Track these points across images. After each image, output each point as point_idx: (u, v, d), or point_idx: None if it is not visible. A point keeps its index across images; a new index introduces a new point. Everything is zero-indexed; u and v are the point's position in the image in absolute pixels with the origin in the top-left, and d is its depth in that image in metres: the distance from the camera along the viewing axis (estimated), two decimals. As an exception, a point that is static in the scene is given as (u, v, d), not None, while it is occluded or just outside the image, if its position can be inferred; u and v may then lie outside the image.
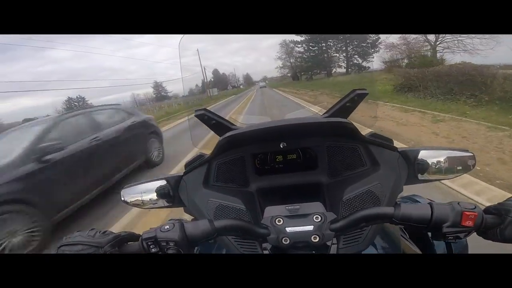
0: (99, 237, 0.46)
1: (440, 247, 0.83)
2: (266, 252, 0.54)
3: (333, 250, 0.53)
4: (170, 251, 0.45)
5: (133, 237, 0.50)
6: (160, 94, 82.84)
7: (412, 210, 0.45)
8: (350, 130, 0.61)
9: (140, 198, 0.71)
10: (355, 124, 0.61)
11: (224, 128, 0.70)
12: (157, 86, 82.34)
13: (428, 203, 0.46)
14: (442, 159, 0.64)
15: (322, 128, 0.67)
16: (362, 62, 25.62)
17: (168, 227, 0.45)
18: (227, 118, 0.74)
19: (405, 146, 0.67)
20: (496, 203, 0.47)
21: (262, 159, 0.72)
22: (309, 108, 1.69)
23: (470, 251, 0.88)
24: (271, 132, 0.65)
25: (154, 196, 0.70)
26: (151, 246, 0.45)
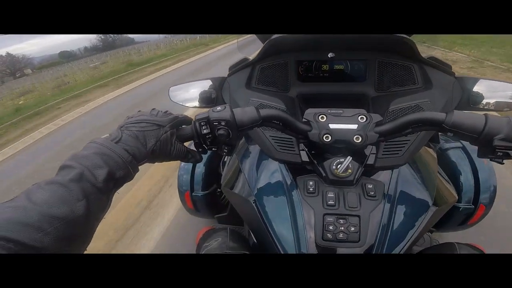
0: (161, 115, 0.47)
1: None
2: (302, 151, 0.58)
3: (371, 159, 0.55)
4: (220, 132, 0.47)
5: (187, 120, 0.52)
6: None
7: (465, 118, 0.43)
8: (409, 48, 0.60)
9: (186, 97, 0.79)
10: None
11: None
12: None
13: (483, 114, 0.44)
14: (500, 93, 0.62)
15: (379, 41, 0.65)
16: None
17: (219, 108, 0.48)
18: None
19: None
20: None
21: (306, 67, 0.74)
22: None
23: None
24: (321, 40, 0.65)
25: (198, 95, 0.77)
26: (203, 127, 0.47)
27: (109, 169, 0.37)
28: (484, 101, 0.63)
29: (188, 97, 0.79)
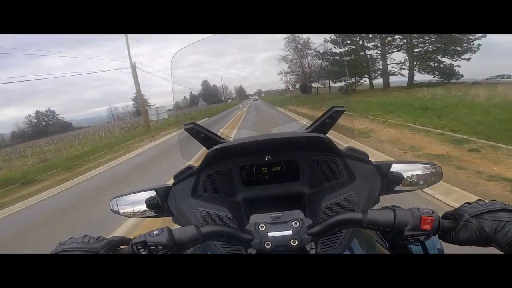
0: (93, 242, 0.51)
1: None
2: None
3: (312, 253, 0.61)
4: (158, 254, 0.51)
5: (124, 241, 0.56)
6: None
7: (378, 215, 0.54)
8: (328, 145, 0.73)
9: (129, 208, 0.79)
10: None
11: (213, 142, 0.78)
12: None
13: (391, 209, 0.55)
14: (413, 173, 0.75)
15: (302, 142, 0.78)
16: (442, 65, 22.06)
17: (157, 232, 0.53)
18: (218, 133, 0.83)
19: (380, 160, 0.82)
20: (453, 209, 0.57)
21: (248, 171, 0.82)
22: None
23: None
24: (257, 146, 0.75)
25: (143, 206, 0.78)
26: (141, 250, 0.51)
27: None
28: (403, 182, 0.75)
29: (132, 208, 0.78)
